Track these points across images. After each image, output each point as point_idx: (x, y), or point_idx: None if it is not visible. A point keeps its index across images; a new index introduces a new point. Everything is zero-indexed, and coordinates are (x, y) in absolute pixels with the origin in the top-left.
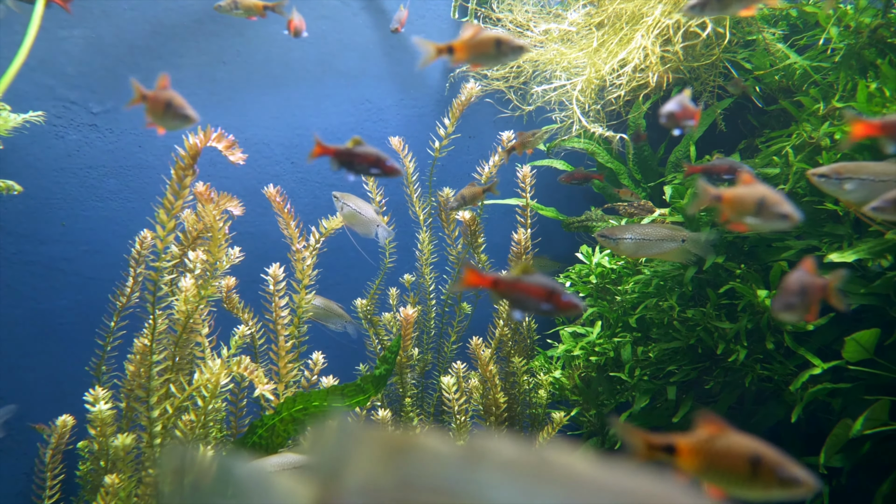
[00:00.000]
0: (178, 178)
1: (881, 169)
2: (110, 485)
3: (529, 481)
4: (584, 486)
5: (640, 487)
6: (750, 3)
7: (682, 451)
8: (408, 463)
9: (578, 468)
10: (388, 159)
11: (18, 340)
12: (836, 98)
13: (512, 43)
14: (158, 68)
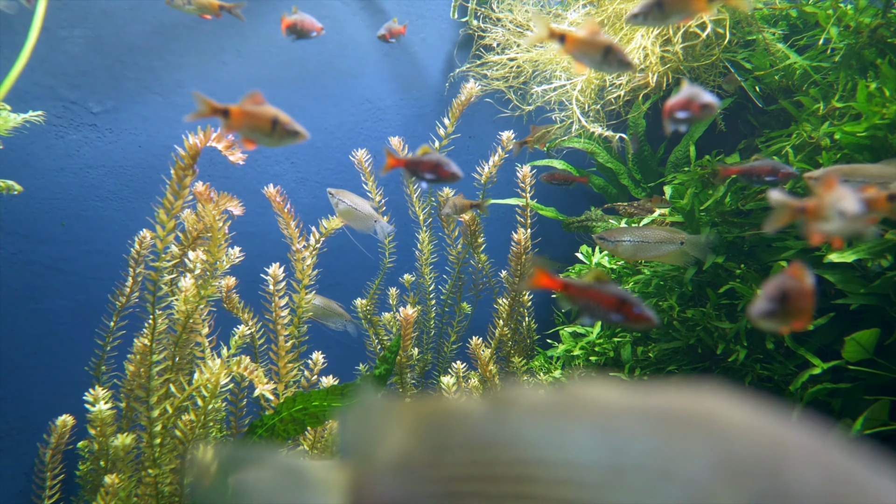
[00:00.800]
0: (178, 178)
1: (876, 171)
2: (110, 485)
3: (560, 417)
4: (617, 411)
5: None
6: (687, 15)
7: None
8: (438, 428)
9: (609, 396)
10: (447, 164)
11: (18, 340)
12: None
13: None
14: (158, 68)
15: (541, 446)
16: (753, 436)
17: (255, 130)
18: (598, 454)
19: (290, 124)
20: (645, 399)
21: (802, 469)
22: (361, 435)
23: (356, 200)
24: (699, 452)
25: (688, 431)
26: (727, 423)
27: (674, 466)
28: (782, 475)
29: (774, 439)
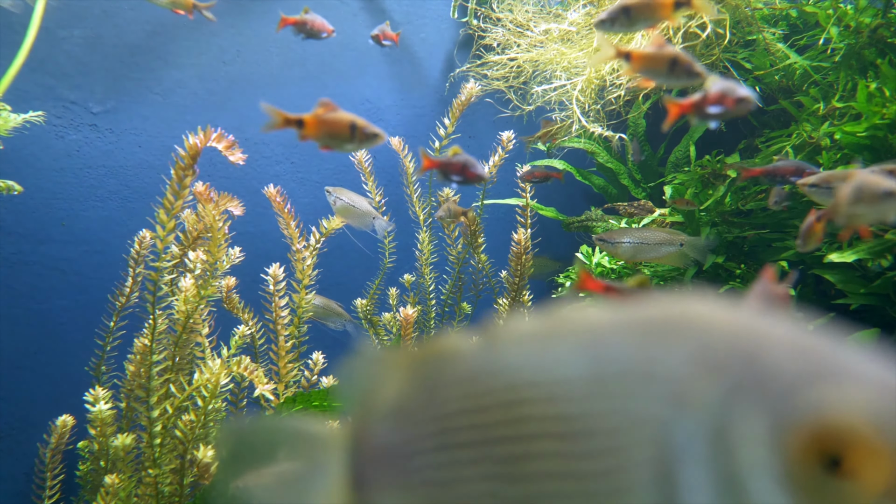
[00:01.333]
0: (178, 178)
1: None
2: (110, 485)
3: (545, 339)
4: (600, 326)
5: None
6: (654, 23)
7: None
8: (432, 369)
9: (593, 314)
10: (473, 165)
11: (18, 340)
12: (836, 98)
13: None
14: (158, 68)
15: (527, 369)
16: (730, 329)
17: (334, 137)
18: (581, 367)
19: (368, 128)
20: (627, 312)
21: (777, 353)
22: (359, 387)
23: (354, 198)
24: (678, 351)
25: (667, 334)
26: (705, 321)
27: (654, 367)
28: (758, 361)
29: (751, 330)
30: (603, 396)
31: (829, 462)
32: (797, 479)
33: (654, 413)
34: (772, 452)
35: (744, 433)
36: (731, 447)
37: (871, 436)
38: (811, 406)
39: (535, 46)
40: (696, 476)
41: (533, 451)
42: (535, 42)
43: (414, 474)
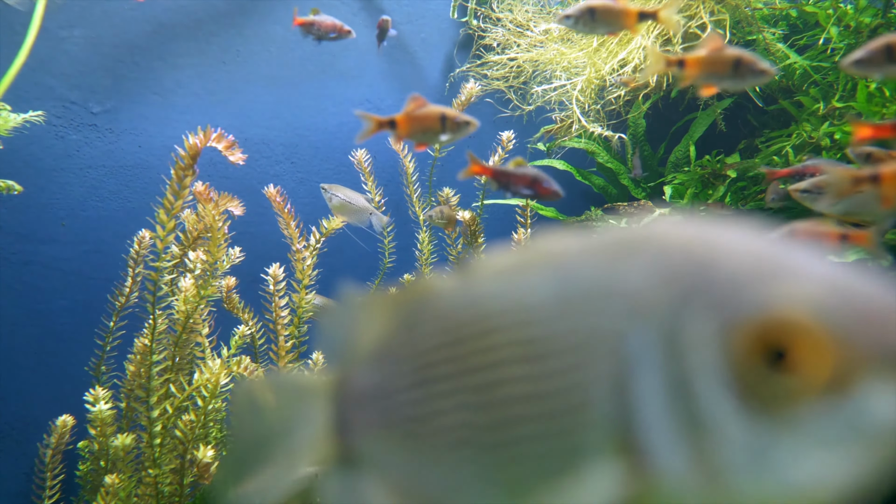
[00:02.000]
0: (178, 178)
1: None
2: (110, 485)
3: (518, 268)
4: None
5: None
6: (615, 30)
7: None
8: (412, 309)
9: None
10: (546, 180)
11: (18, 340)
12: (836, 98)
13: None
14: (158, 68)
15: (498, 298)
16: (686, 240)
17: (427, 132)
18: (547, 291)
19: (459, 116)
20: (594, 236)
21: (728, 258)
22: (342, 334)
23: (350, 194)
24: (636, 266)
25: (627, 251)
26: (663, 237)
27: (613, 283)
28: (709, 266)
29: (705, 239)
30: (566, 316)
31: (773, 357)
32: (742, 377)
33: (613, 327)
34: (718, 353)
35: (693, 336)
36: (682, 352)
37: (811, 328)
38: (755, 303)
39: (535, 46)
40: (649, 384)
41: (502, 377)
42: (535, 42)
43: (394, 412)
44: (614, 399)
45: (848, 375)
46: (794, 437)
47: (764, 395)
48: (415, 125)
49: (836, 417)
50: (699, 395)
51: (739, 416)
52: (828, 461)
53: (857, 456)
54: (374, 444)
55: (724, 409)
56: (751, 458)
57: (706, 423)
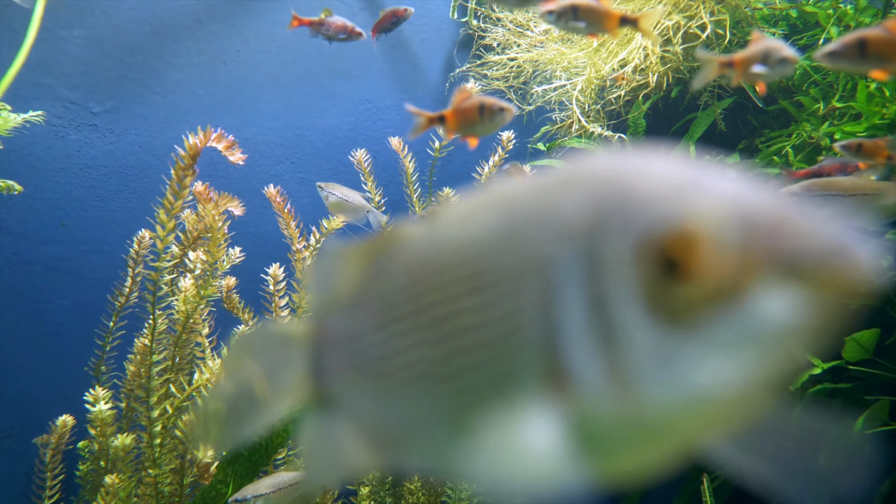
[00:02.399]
0: (178, 178)
1: (850, 184)
2: (110, 485)
3: (473, 211)
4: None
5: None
6: (595, 31)
7: None
8: (382, 257)
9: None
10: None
11: (18, 340)
12: (836, 98)
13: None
14: (158, 68)
15: (453, 237)
16: (615, 169)
17: (471, 125)
18: (493, 226)
19: (495, 104)
20: (542, 175)
21: (647, 181)
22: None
23: (346, 192)
24: (569, 195)
25: (563, 186)
26: (595, 169)
27: (548, 213)
28: (629, 190)
29: (630, 168)
30: (507, 248)
31: (673, 268)
32: (648, 289)
33: (543, 253)
34: (629, 268)
35: (609, 255)
36: (599, 270)
37: (705, 237)
38: (658, 217)
39: (535, 46)
40: (572, 304)
41: (453, 311)
42: (535, 42)
43: (362, 354)
44: (543, 321)
45: (741, 282)
46: (696, 344)
47: (668, 305)
48: (461, 118)
49: (732, 323)
50: (613, 309)
51: (648, 327)
52: (726, 365)
53: (752, 359)
54: (346, 385)
55: (634, 322)
56: (658, 367)
57: (619, 336)
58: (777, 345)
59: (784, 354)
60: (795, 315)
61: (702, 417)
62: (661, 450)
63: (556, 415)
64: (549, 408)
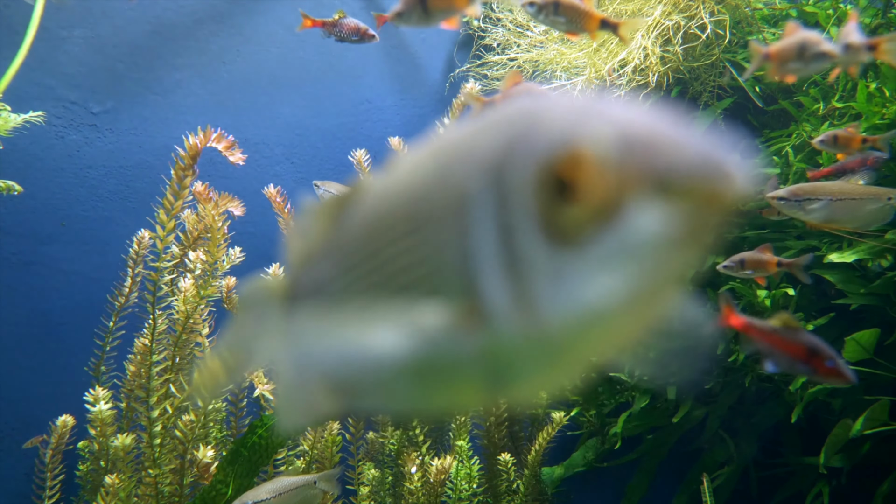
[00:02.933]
0: (178, 178)
1: (837, 188)
2: (110, 485)
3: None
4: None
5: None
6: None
7: None
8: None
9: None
10: None
11: (18, 340)
12: (836, 98)
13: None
14: (158, 68)
15: (397, 184)
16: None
17: None
18: (430, 168)
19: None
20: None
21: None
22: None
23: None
24: (491, 134)
25: (488, 125)
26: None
27: (471, 151)
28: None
29: (543, 104)
30: (437, 188)
31: (562, 189)
32: (543, 212)
33: (464, 188)
34: (528, 192)
35: (515, 183)
36: (507, 199)
37: (588, 158)
38: (553, 141)
39: (535, 46)
40: (483, 234)
41: (396, 252)
42: (535, 42)
43: (326, 303)
44: (462, 254)
45: (619, 198)
46: (583, 263)
47: (561, 226)
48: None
49: (613, 239)
50: (517, 236)
51: (545, 250)
52: (610, 280)
53: (633, 272)
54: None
55: (533, 246)
56: (554, 288)
57: (522, 261)
58: (655, 257)
59: (663, 267)
60: (670, 228)
61: (595, 332)
62: (565, 368)
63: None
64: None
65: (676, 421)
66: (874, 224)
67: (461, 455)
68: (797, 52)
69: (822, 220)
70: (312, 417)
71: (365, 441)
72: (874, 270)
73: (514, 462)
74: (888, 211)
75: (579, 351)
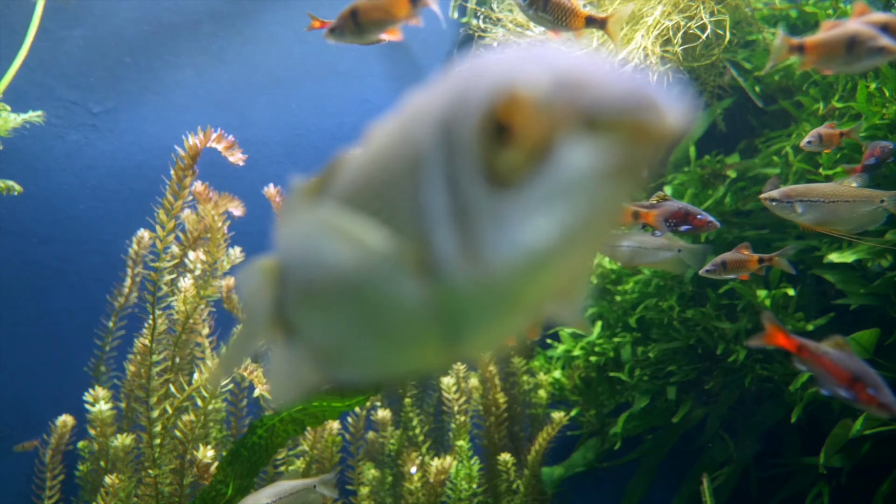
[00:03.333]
0: (178, 178)
1: (830, 190)
2: (110, 485)
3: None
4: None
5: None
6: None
7: None
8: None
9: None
10: (699, 213)
11: (18, 340)
12: (835, 98)
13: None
14: (158, 68)
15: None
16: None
17: None
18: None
19: None
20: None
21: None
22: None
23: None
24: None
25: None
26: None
27: (428, 109)
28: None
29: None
30: (399, 149)
31: (500, 133)
32: (484, 157)
33: (421, 143)
34: (471, 140)
35: (461, 133)
36: (454, 150)
37: (520, 100)
38: (493, 86)
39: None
40: (434, 184)
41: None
42: (535, 42)
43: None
44: (416, 208)
45: (552, 137)
46: (522, 204)
47: (500, 170)
48: None
49: (548, 179)
50: (463, 184)
51: (486, 194)
52: (547, 220)
53: (568, 210)
54: (299, 311)
55: (476, 191)
56: (496, 231)
57: (467, 209)
58: (588, 193)
59: (597, 203)
60: (601, 163)
61: (537, 274)
62: (514, 316)
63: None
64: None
65: (676, 421)
66: (867, 226)
67: (461, 455)
68: (846, 46)
69: (815, 222)
70: (303, 391)
71: (365, 441)
72: (874, 270)
73: (514, 462)
74: (881, 214)
75: (525, 295)
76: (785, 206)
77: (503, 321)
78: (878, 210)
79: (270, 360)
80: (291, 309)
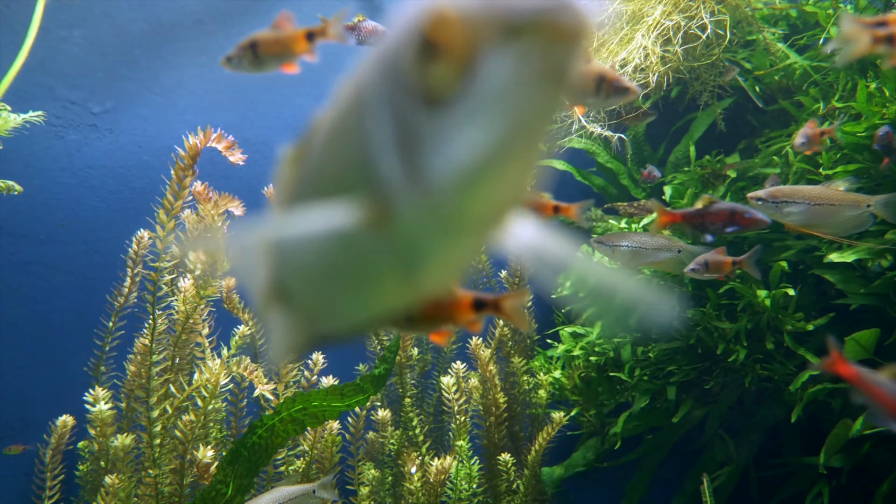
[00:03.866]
0: (178, 178)
1: (816, 193)
2: (110, 485)
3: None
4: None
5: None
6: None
7: None
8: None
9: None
10: (747, 211)
11: (18, 340)
12: (835, 98)
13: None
14: (158, 68)
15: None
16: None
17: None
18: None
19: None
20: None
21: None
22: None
23: None
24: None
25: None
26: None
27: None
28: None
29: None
30: (353, 98)
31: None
32: (419, 79)
33: (370, 84)
34: (408, 66)
35: (399, 62)
36: (397, 81)
37: (444, 16)
38: (422, 11)
39: None
40: (381, 120)
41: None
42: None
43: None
44: (365, 148)
45: (475, 49)
46: (455, 120)
47: (433, 89)
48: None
49: (475, 91)
50: (403, 109)
51: (425, 116)
52: (478, 132)
53: (497, 119)
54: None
55: (416, 115)
56: (434, 152)
57: (408, 133)
58: (514, 101)
59: (525, 110)
60: (524, 69)
61: (478, 190)
62: (465, 241)
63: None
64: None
65: (676, 421)
66: (853, 230)
67: (461, 455)
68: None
69: (800, 224)
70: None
71: (365, 441)
72: (874, 270)
73: (514, 462)
74: (866, 218)
75: (469, 213)
76: (770, 206)
77: (453, 245)
78: (864, 215)
79: (269, 325)
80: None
